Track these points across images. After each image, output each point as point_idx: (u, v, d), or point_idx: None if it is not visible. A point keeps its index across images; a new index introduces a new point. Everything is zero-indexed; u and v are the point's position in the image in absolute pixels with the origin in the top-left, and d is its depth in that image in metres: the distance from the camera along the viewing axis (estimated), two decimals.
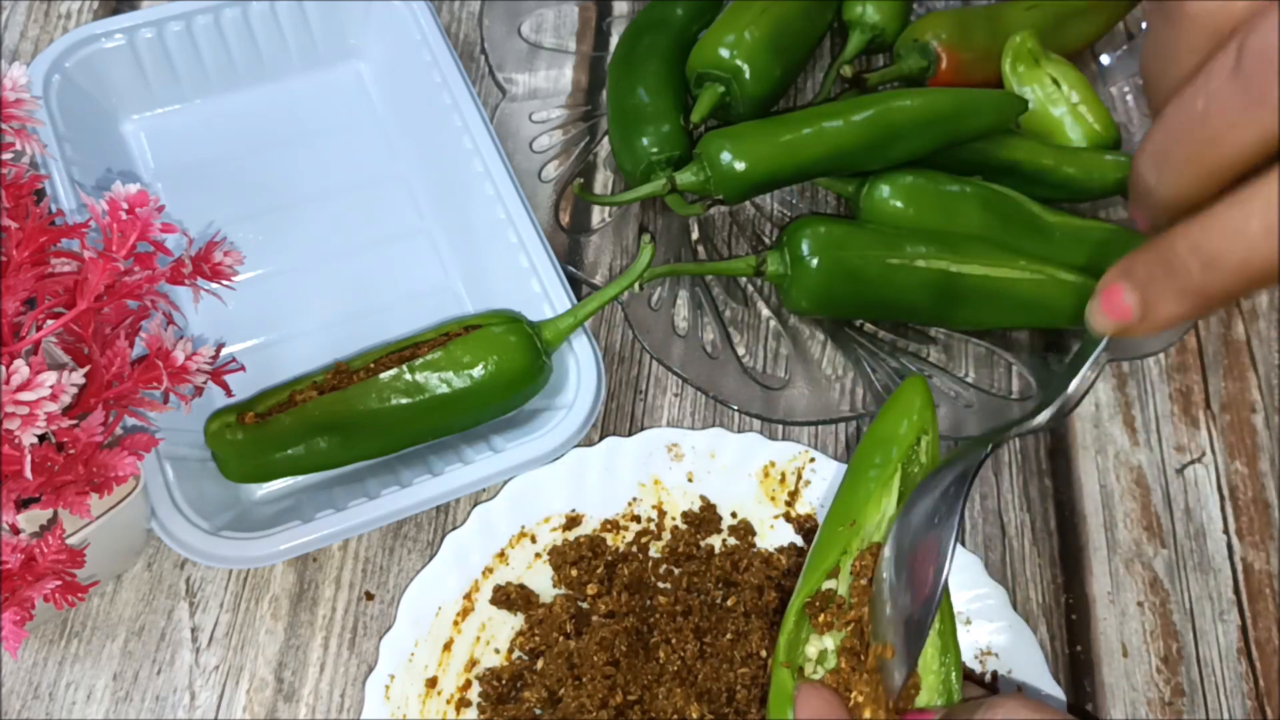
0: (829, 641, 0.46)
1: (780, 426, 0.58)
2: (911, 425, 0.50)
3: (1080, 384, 0.39)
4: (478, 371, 0.52)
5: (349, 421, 0.52)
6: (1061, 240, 0.60)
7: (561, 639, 0.50)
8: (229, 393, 0.49)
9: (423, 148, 0.63)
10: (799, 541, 0.54)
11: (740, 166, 0.57)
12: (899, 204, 0.59)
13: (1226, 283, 0.28)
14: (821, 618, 0.46)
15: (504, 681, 0.50)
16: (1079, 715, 0.53)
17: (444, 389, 0.52)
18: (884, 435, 0.50)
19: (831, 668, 0.45)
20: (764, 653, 0.50)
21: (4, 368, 0.39)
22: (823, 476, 0.55)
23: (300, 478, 0.55)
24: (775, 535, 0.55)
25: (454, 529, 0.53)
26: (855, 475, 0.50)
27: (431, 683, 0.50)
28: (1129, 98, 0.70)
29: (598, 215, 0.64)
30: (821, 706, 0.44)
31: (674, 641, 0.50)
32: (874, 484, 0.48)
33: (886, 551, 0.43)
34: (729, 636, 0.51)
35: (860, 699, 0.44)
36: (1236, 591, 0.56)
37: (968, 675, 0.51)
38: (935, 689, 0.44)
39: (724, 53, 0.61)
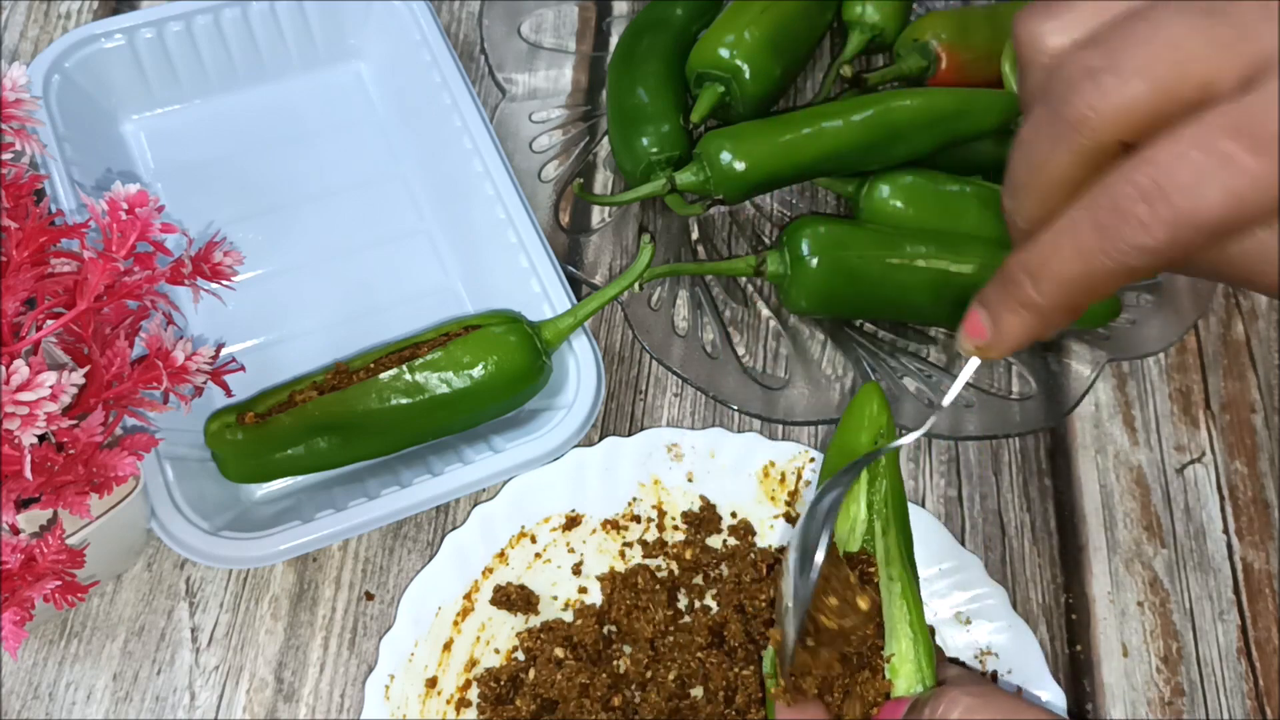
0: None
1: (780, 426, 0.58)
2: (869, 433, 0.50)
3: (953, 400, 0.42)
4: (478, 371, 0.52)
5: (349, 421, 0.52)
6: None
7: (556, 650, 0.50)
8: (229, 393, 0.49)
9: (423, 148, 0.63)
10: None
11: (740, 166, 0.57)
12: (899, 204, 0.59)
13: (1053, 295, 0.31)
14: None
15: (503, 682, 0.50)
16: (1076, 716, 0.53)
17: (444, 389, 0.52)
18: (846, 446, 0.50)
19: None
20: (763, 652, 0.50)
21: (4, 368, 0.39)
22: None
23: (300, 478, 0.55)
24: (775, 535, 0.55)
25: (454, 529, 0.53)
26: (825, 488, 0.49)
27: (431, 683, 0.50)
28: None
29: (597, 215, 0.64)
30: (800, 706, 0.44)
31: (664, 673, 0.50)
32: (846, 495, 0.48)
33: (791, 550, 0.45)
34: (732, 641, 0.51)
35: (839, 696, 0.44)
36: (1236, 591, 0.56)
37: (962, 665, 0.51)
38: (912, 677, 0.44)
39: (724, 53, 0.61)
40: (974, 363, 0.39)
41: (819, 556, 0.43)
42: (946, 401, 0.42)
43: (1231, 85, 0.27)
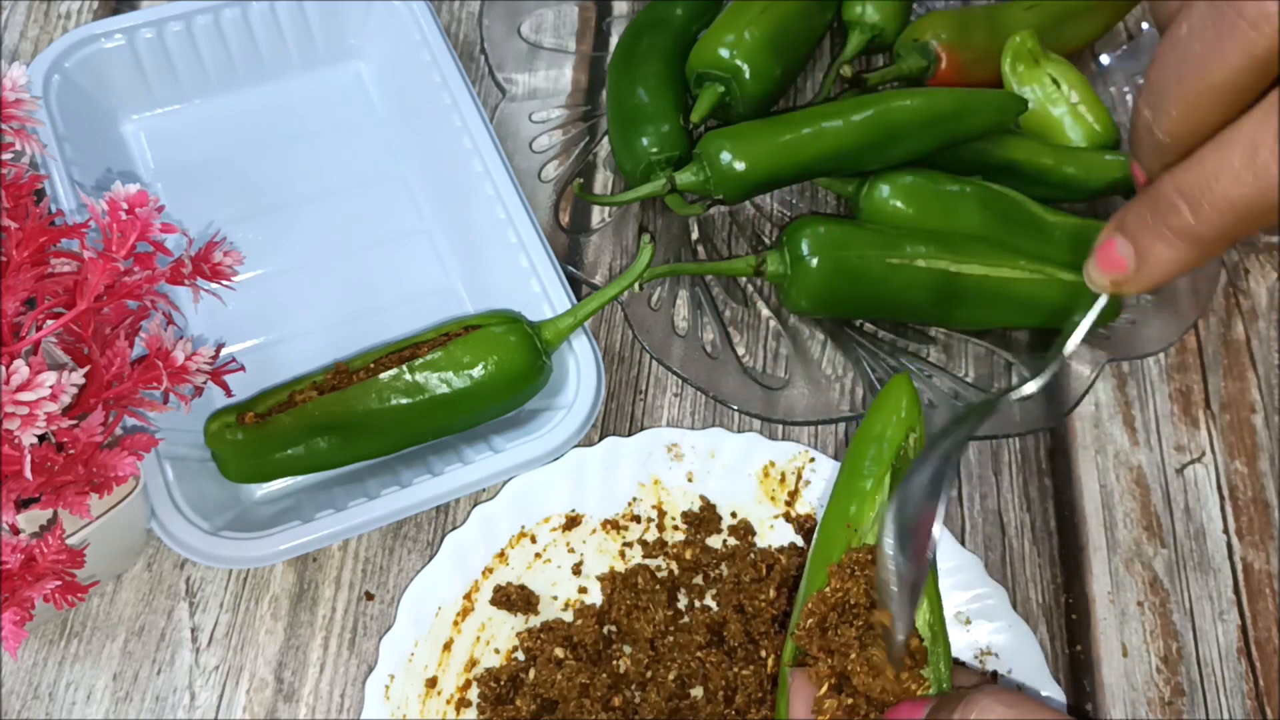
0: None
1: (780, 426, 0.58)
2: (900, 422, 0.50)
3: (1073, 349, 0.39)
4: (478, 371, 0.52)
5: (349, 421, 0.52)
6: (1061, 240, 0.60)
7: (556, 650, 0.50)
8: (229, 393, 0.49)
9: (423, 148, 0.63)
10: (799, 541, 0.54)
11: (740, 166, 0.57)
12: (899, 204, 0.59)
13: (1216, 222, 0.28)
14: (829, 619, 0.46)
15: (503, 682, 0.50)
16: (1076, 714, 0.53)
17: (444, 389, 0.52)
18: (875, 433, 0.50)
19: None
20: (764, 653, 0.50)
21: (4, 368, 0.39)
22: (823, 476, 0.55)
23: (300, 478, 0.55)
24: (775, 535, 0.55)
25: (454, 529, 0.53)
26: (849, 475, 0.50)
27: (431, 683, 0.50)
28: (1129, 98, 0.70)
29: (597, 215, 0.64)
30: (814, 690, 0.44)
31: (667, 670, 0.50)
32: (869, 483, 0.49)
33: (889, 522, 0.43)
34: (733, 641, 0.51)
35: (857, 683, 0.44)
36: (1236, 591, 0.56)
37: (962, 665, 0.51)
38: (928, 676, 0.44)
39: (724, 53, 0.61)
40: (1102, 300, 0.35)
41: (934, 533, 0.40)
42: (1067, 350, 0.38)
43: None
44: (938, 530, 0.40)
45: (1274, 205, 0.26)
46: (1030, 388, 0.41)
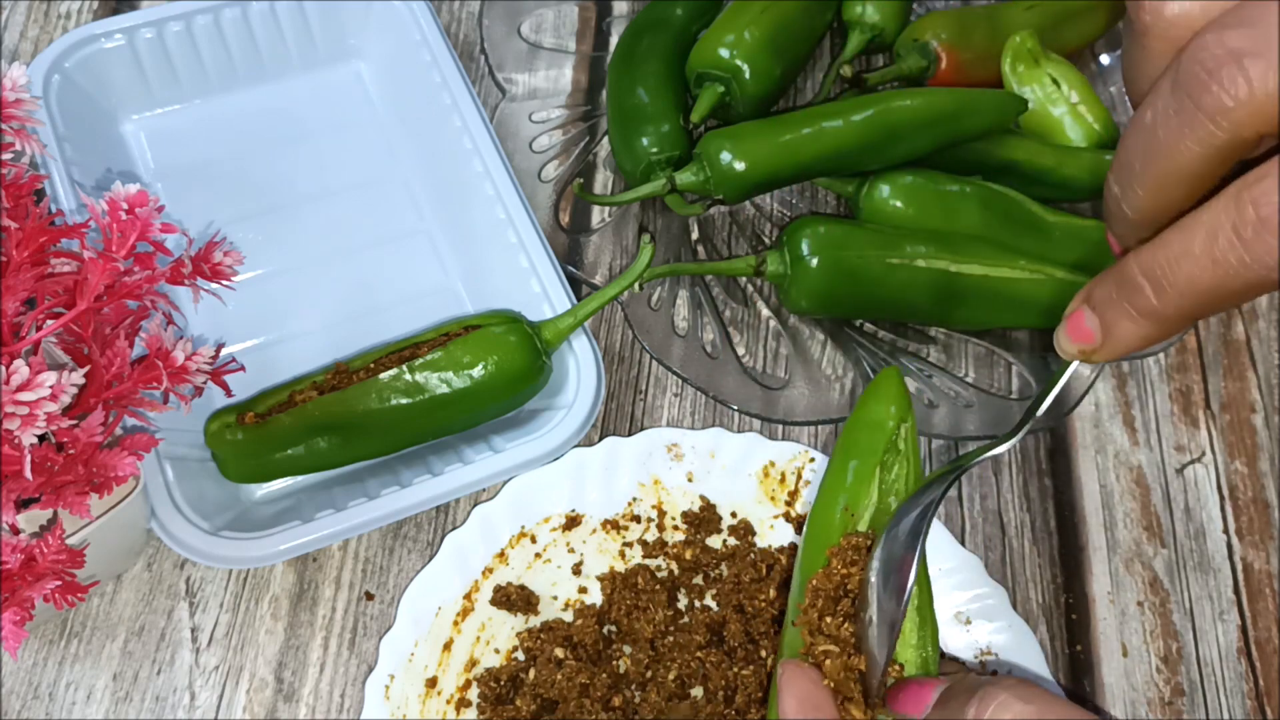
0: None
1: (780, 426, 0.58)
2: (894, 412, 0.50)
3: (1047, 410, 0.42)
4: (478, 371, 0.52)
5: (349, 421, 0.52)
6: (1061, 240, 0.60)
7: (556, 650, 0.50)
8: (229, 393, 0.49)
9: (423, 148, 0.63)
10: (799, 541, 0.54)
11: (740, 166, 0.57)
12: (899, 204, 0.59)
13: (1176, 304, 0.29)
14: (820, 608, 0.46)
15: (503, 682, 0.50)
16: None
17: (444, 389, 0.52)
18: (866, 421, 0.50)
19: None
20: (764, 654, 0.50)
21: (4, 368, 0.39)
22: (822, 476, 0.55)
23: (300, 478, 0.55)
24: (775, 535, 0.55)
25: (454, 529, 0.53)
26: (841, 462, 0.50)
27: (431, 683, 0.50)
28: (1129, 98, 0.70)
29: (597, 215, 0.64)
30: (806, 685, 0.43)
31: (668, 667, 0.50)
32: (864, 470, 0.49)
33: (875, 561, 0.44)
34: (732, 641, 0.51)
35: (849, 674, 0.44)
36: (1236, 591, 0.56)
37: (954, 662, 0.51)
38: (914, 662, 0.45)
39: (724, 53, 0.61)
40: (1072, 367, 0.37)
41: (910, 578, 0.42)
42: (1040, 411, 0.41)
43: None
44: (911, 579, 0.42)
45: (1233, 291, 0.27)
46: (1004, 448, 0.44)
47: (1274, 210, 0.26)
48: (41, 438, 0.41)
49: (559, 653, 0.50)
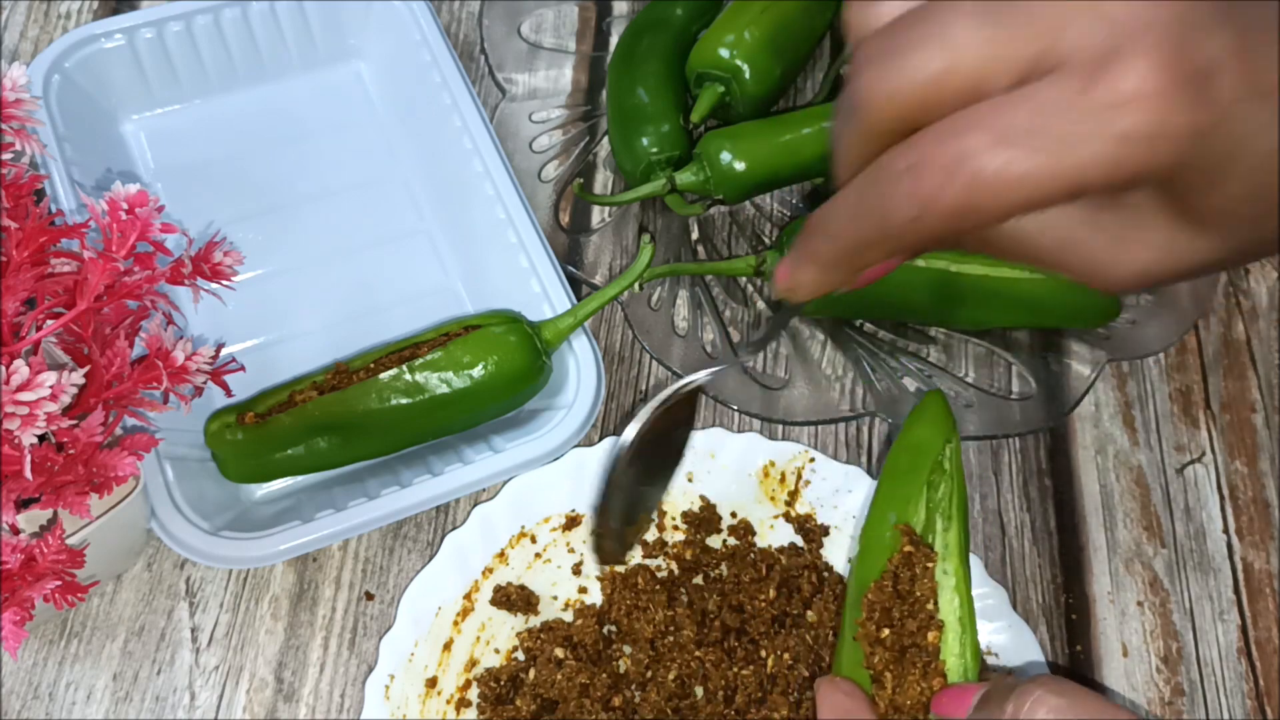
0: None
1: (780, 426, 0.58)
2: (939, 433, 0.52)
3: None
4: (478, 371, 0.52)
5: (349, 421, 0.52)
6: None
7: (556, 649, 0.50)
8: (229, 393, 0.49)
9: (423, 148, 0.63)
10: (799, 541, 0.54)
11: (740, 166, 0.57)
12: None
13: (833, 254, 0.32)
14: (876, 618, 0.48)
15: (503, 682, 0.50)
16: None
17: (444, 389, 0.52)
18: (915, 441, 0.52)
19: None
20: (764, 654, 0.50)
21: (4, 368, 0.39)
22: (823, 476, 0.55)
23: (300, 478, 0.55)
24: (775, 535, 0.55)
25: (454, 529, 0.53)
26: (890, 484, 0.52)
27: (431, 683, 0.50)
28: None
29: (597, 215, 0.64)
30: (843, 700, 0.46)
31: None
32: (912, 489, 0.51)
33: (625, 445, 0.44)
34: (733, 639, 0.51)
35: (889, 687, 0.46)
36: (1236, 591, 0.56)
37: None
38: (955, 670, 0.47)
39: (724, 53, 0.61)
40: (790, 309, 0.41)
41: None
42: (753, 340, 0.44)
43: (1002, 85, 0.27)
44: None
45: (868, 245, 0.30)
46: (745, 355, 0.48)
47: (892, 182, 0.29)
48: (41, 438, 0.41)
49: (559, 653, 0.50)
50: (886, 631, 0.47)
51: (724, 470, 0.55)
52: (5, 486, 0.40)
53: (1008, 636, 0.52)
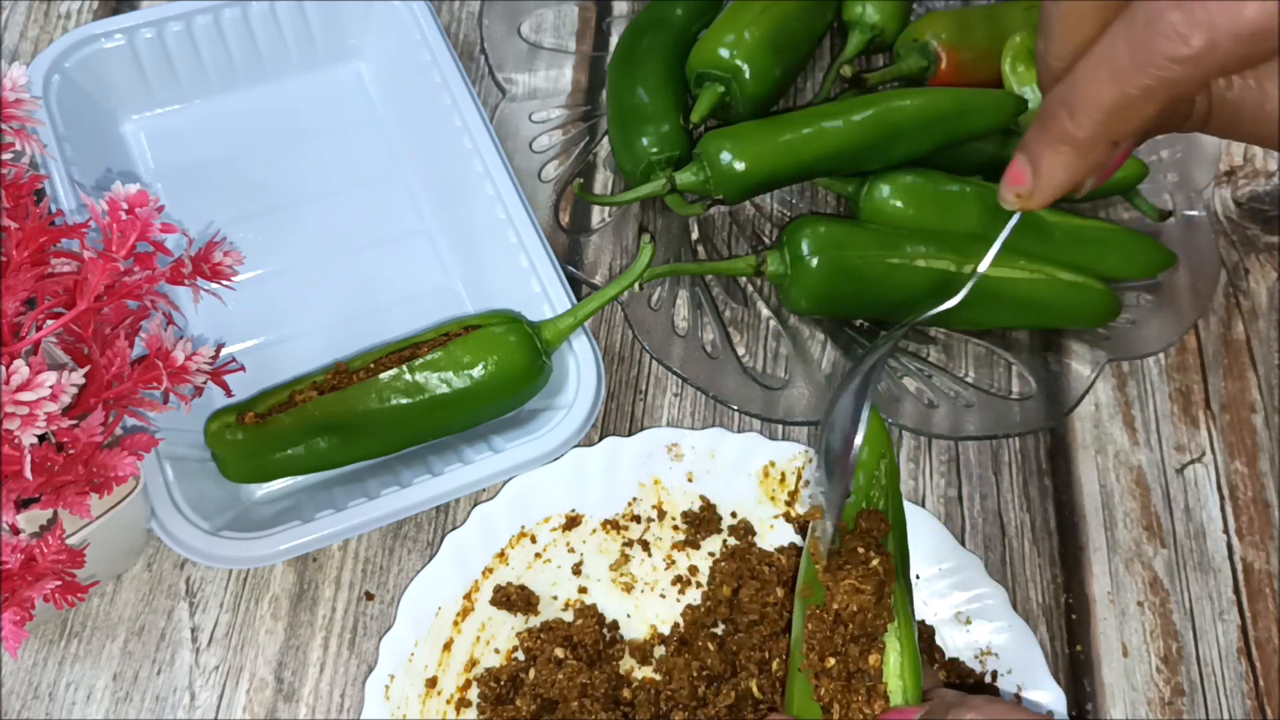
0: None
1: (780, 426, 0.58)
2: (874, 450, 0.50)
3: (988, 262, 0.44)
4: (478, 371, 0.52)
5: (349, 421, 0.52)
6: (1061, 240, 0.60)
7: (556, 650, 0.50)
8: (229, 393, 0.49)
9: (423, 148, 0.63)
10: (799, 541, 0.54)
11: (740, 166, 0.57)
12: (899, 204, 0.59)
13: (1088, 123, 0.31)
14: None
15: (503, 682, 0.50)
16: (1080, 715, 0.53)
17: (444, 389, 0.52)
18: (861, 460, 0.50)
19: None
20: (766, 654, 0.50)
21: (4, 368, 0.39)
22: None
23: (300, 478, 0.55)
24: (775, 535, 0.55)
25: (454, 529, 0.53)
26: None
27: (431, 683, 0.50)
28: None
29: (597, 215, 0.64)
30: None
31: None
32: (851, 507, 0.49)
33: (817, 467, 0.47)
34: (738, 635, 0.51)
35: (836, 716, 0.45)
36: (1236, 591, 0.56)
37: (962, 675, 0.51)
38: (896, 691, 0.45)
39: (724, 53, 0.61)
40: (1015, 219, 0.40)
41: (858, 439, 0.44)
42: (982, 268, 0.43)
43: None
44: (857, 442, 0.44)
45: (1134, 102, 0.30)
46: (945, 305, 0.45)
47: (1159, 11, 0.28)
48: (41, 438, 0.41)
49: (559, 653, 0.50)
50: (832, 661, 0.45)
51: (724, 470, 0.55)
52: (5, 486, 0.40)
53: (1008, 636, 0.52)
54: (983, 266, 0.43)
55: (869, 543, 0.48)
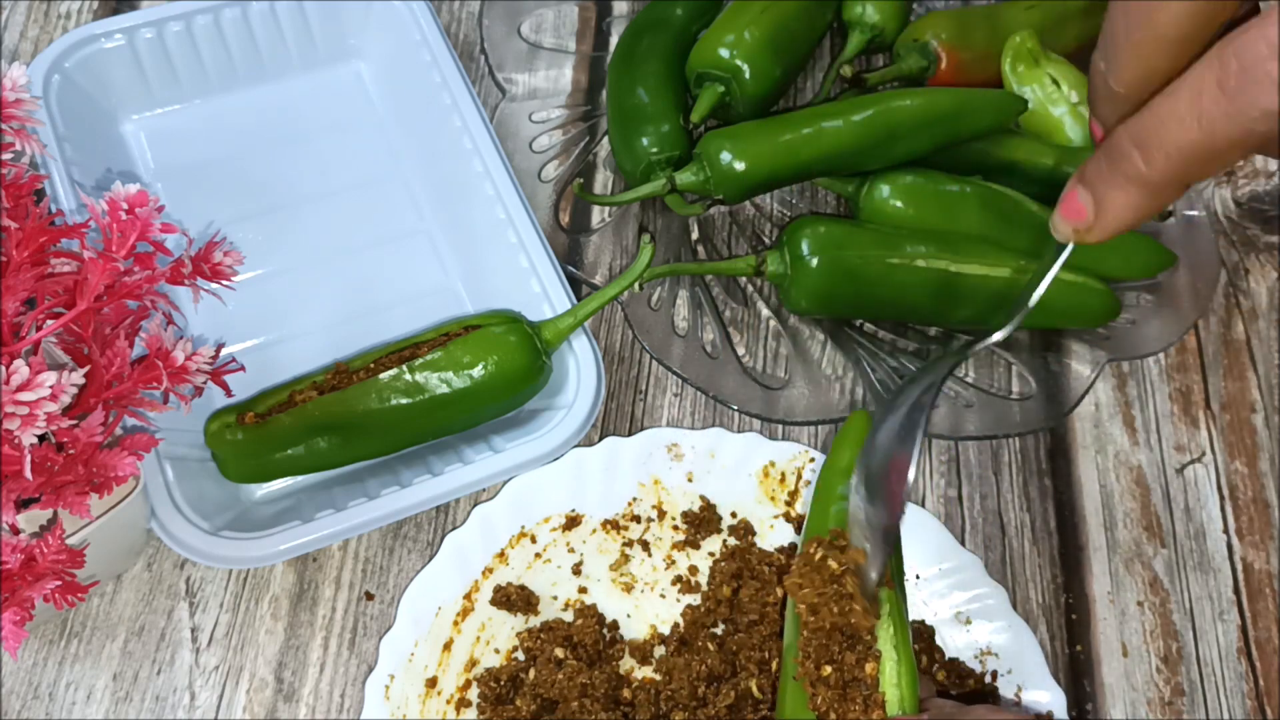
0: None
1: (780, 426, 0.58)
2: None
3: (1039, 295, 0.41)
4: (478, 371, 0.52)
5: (349, 421, 0.52)
6: None
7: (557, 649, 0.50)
8: (229, 393, 0.49)
9: (423, 148, 0.63)
10: (799, 541, 0.54)
11: (740, 166, 0.57)
12: (899, 204, 0.59)
13: (1165, 167, 0.29)
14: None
15: (503, 682, 0.50)
16: (1081, 714, 0.53)
17: (444, 389, 0.52)
18: (841, 465, 0.50)
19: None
20: (766, 654, 0.50)
21: (4, 368, 0.39)
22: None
23: (300, 478, 0.55)
24: (775, 535, 0.55)
25: (454, 529, 0.53)
26: (820, 505, 0.49)
27: (431, 683, 0.50)
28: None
29: (597, 215, 0.64)
30: None
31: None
32: (841, 514, 0.48)
33: (854, 478, 0.44)
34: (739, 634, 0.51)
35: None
36: (1236, 591, 0.56)
37: (962, 676, 0.51)
38: (893, 701, 0.44)
39: (724, 53, 0.61)
40: (1068, 251, 0.38)
41: (911, 473, 0.41)
42: (1033, 301, 0.41)
43: None
44: (912, 474, 0.41)
45: (1218, 150, 0.28)
46: (999, 335, 0.43)
47: (1258, 59, 0.26)
48: (41, 438, 0.41)
49: (559, 653, 0.50)
50: (828, 669, 0.44)
51: (724, 470, 0.55)
52: (5, 486, 0.40)
53: (1008, 637, 0.52)
54: (1033, 300, 0.41)
55: (839, 552, 0.46)
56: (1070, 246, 0.37)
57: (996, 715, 0.42)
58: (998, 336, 0.43)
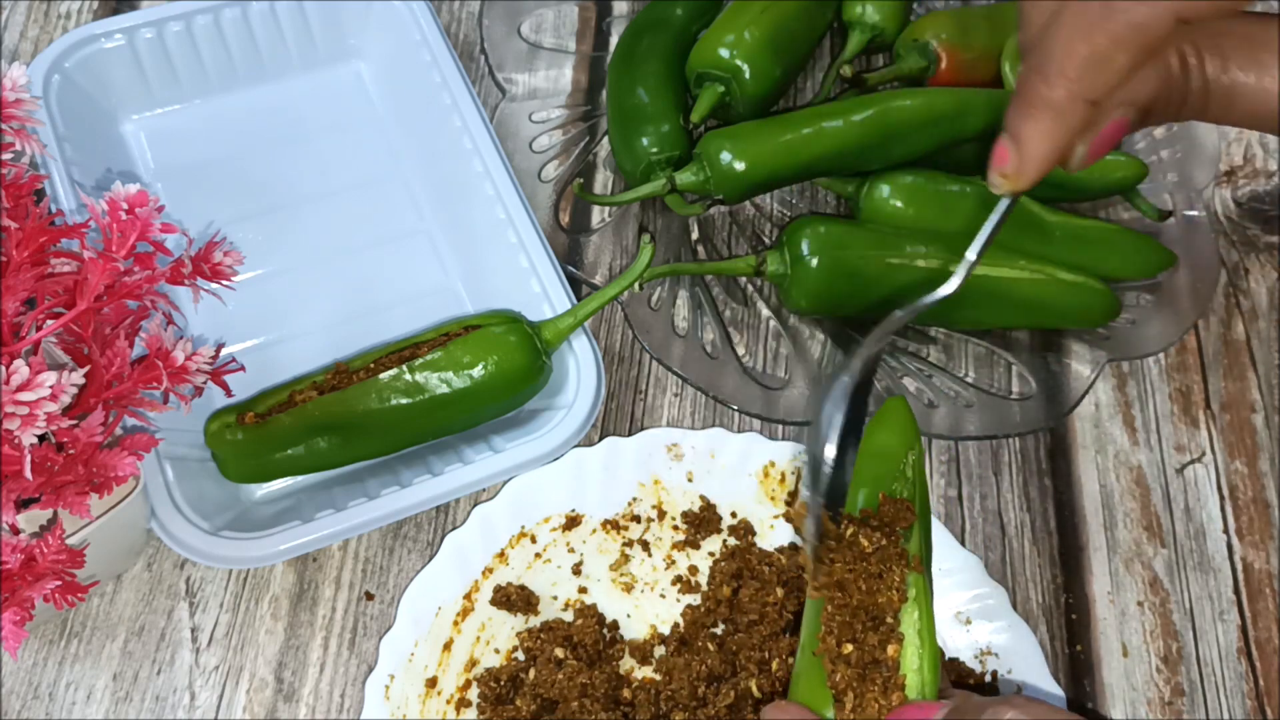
0: None
1: (780, 426, 0.58)
2: (903, 441, 0.50)
3: (980, 250, 0.42)
4: (477, 371, 0.52)
5: (349, 421, 0.52)
6: (1061, 240, 0.60)
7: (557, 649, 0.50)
8: (229, 393, 0.49)
9: (423, 148, 0.63)
10: (799, 541, 0.54)
11: (740, 166, 0.57)
12: (899, 204, 0.59)
13: (1065, 85, 0.31)
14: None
15: (503, 682, 0.50)
16: (1082, 713, 0.53)
17: (444, 389, 0.52)
18: (877, 449, 0.50)
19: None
20: (766, 654, 0.50)
21: (4, 368, 0.39)
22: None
23: (300, 478, 0.55)
24: (775, 535, 0.55)
25: (454, 529, 0.53)
26: (852, 489, 0.49)
27: (431, 683, 0.50)
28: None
29: (597, 215, 0.64)
30: (794, 710, 0.44)
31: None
32: (871, 498, 0.48)
33: (804, 471, 0.45)
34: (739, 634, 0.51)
35: (848, 706, 0.44)
36: (1236, 591, 0.56)
37: (962, 675, 0.51)
38: (914, 686, 0.44)
39: (724, 53, 0.61)
40: (1005, 204, 0.39)
41: (829, 449, 0.43)
42: (973, 254, 0.42)
43: None
44: (830, 452, 0.43)
45: (1103, 53, 0.30)
46: (942, 291, 0.44)
47: None
48: (41, 438, 0.41)
49: (559, 653, 0.50)
50: (849, 647, 0.44)
51: (724, 470, 0.55)
52: (5, 486, 0.40)
53: (1008, 636, 0.52)
54: (971, 254, 0.42)
55: (870, 531, 0.47)
56: (1008, 201, 0.39)
57: (1035, 704, 0.40)
58: (941, 293, 0.44)
